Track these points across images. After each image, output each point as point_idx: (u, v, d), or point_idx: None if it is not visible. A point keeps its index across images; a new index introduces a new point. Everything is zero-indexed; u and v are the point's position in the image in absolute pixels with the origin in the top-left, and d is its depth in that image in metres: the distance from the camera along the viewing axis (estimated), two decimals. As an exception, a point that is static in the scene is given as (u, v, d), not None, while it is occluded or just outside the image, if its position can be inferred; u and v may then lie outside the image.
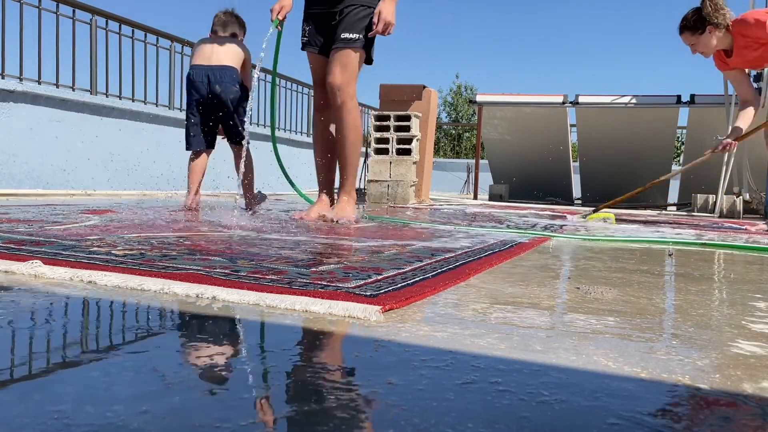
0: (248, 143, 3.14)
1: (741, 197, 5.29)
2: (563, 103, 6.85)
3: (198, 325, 0.87)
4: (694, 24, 3.57)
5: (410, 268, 1.40)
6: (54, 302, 0.97)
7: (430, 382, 0.67)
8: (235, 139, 3.50)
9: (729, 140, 3.68)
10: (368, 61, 2.89)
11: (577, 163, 7.54)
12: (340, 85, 2.73)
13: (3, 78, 5.34)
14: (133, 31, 6.92)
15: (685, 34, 3.62)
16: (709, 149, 3.81)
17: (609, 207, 4.33)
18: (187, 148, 3.41)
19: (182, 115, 7.38)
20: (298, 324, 0.91)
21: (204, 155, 3.41)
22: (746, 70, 3.83)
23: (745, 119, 3.73)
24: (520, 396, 0.64)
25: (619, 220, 3.87)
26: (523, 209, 5.18)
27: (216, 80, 3.30)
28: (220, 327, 0.87)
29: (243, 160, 3.19)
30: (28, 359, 0.69)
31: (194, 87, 3.26)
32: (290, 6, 2.85)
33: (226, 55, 3.34)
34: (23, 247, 1.45)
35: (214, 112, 3.36)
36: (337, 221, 2.68)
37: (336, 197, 2.94)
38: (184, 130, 3.45)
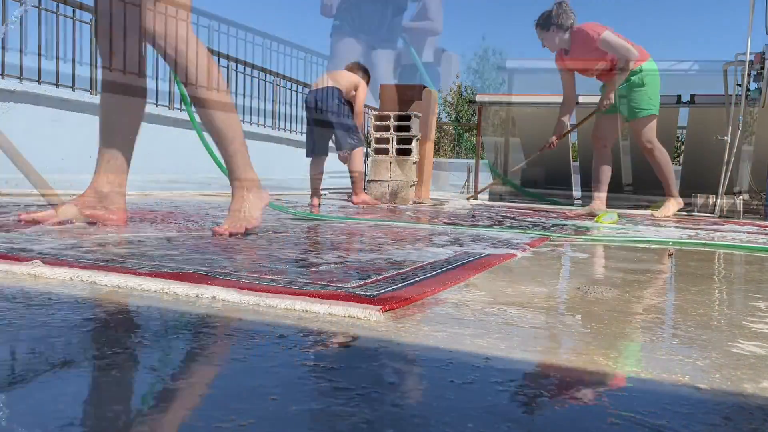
0: (350, 150, 4.36)
1: (741, 197, 5.30)
2: (563, 103, 6.84)
3: (198, 326, 0.87)
4: (543, 22, 4.11)
5: (410, 268, 1.40)
6: (54, 303, 0.97)
7: (430, 382, 0.67)
8: (341, 146, 4.44)
9: (553, 138, 4.49)
10: None
11: (577, 163, 7.53)
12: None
13: (3, 78, 5.34)
14: (133, 31, 6.91)
15: (537, 29, 4.15)
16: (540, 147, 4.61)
17: None
18: (307, 155, 4.39)
19: (182, 115, 7.40)
20: (298, 324, 0.91)
21: (319, 161, 4.38)
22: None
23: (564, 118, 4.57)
24: (519, 396, 0.64)
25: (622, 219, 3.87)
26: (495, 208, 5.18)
27: (319, 99, 4.24)
28: (220, 327, 0.87)
29: (347, 163, 4.39)
30: (29, 359, 0.69)
31: (305, 107, 4.36)
32: None
33: (334, 80, 4.33)
34: (23, 247, 1.45)
35: (322, 125, 4.32)
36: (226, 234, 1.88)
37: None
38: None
